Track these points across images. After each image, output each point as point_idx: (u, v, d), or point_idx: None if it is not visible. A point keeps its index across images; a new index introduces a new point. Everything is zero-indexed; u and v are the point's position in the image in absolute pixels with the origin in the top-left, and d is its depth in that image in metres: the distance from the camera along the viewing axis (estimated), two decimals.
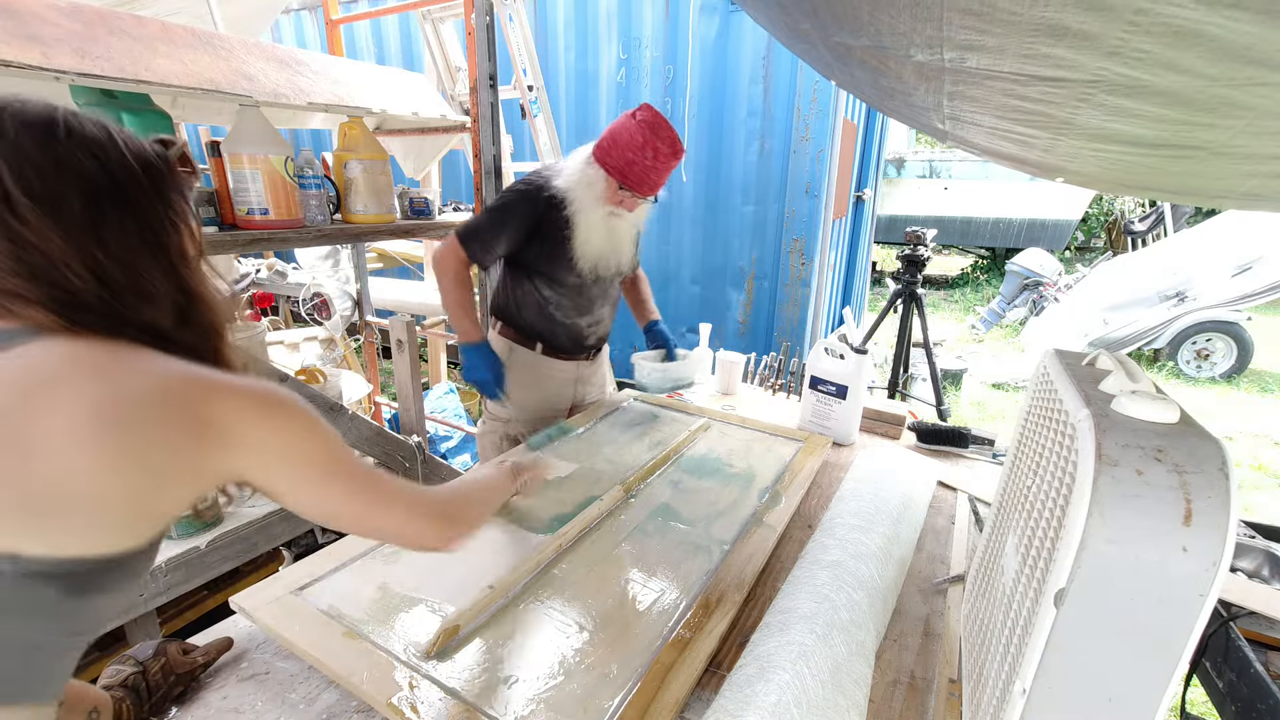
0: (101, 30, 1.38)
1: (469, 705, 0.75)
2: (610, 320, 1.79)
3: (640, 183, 1.45)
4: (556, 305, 1.61)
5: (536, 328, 1.65)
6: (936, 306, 8.26)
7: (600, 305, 1.69)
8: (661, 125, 1.41)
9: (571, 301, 1.62)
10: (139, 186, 0.56)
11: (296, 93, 1.69)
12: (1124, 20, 0.56)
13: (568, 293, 1.60)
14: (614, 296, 1.75)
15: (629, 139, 1.41)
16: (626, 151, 1.42)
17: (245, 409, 0.54)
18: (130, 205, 0.55)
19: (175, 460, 0.51)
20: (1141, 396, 0.56)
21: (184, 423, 0.51)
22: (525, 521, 1.15)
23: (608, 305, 1.73)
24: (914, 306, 3.16)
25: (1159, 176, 0.97)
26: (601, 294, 1.67)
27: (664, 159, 1.43)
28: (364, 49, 4.66)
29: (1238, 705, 0.95)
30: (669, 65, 3.68)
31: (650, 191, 1.49)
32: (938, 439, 1.60)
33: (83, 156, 0.53)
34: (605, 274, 1.62)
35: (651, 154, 1.41)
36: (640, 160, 1.42)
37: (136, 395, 0.50)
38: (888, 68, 1.01)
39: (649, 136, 1.40)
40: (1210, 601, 0.46)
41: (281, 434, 0.57)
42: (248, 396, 0.55)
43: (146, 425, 0.49)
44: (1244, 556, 1.15)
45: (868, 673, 0.82)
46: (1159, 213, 6.98)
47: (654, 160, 1.42)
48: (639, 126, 1.40)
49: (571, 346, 1.70)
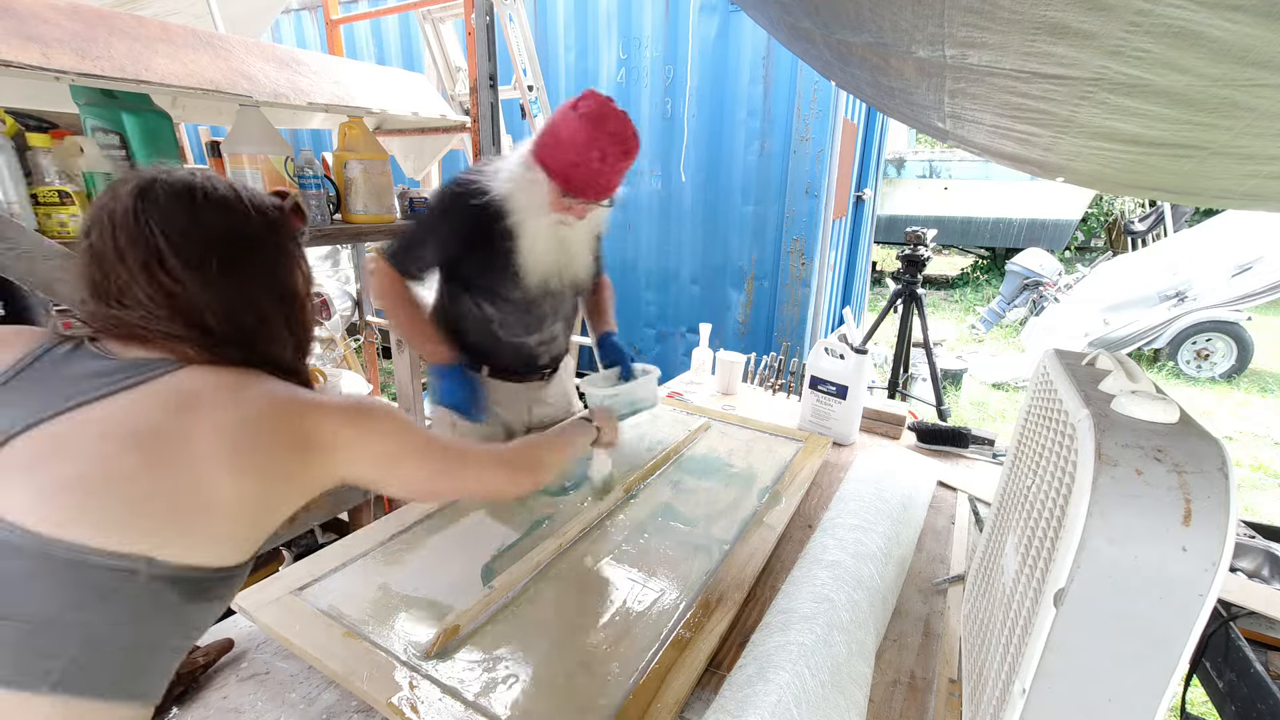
0: (101, 30, 1.38)
1: (469, 705, 0.75)
2: (567, 336, 1.60)
3: (587, 188, 1.23)
4: (501, 323, 1.41)
5: (480, 348, 1.45)
6: (936, 306, 8.25)
7: (552, 321, 1.49)
8: (608, 118, 1.18)
9: (518, 319, 1.42)
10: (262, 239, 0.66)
11: (296, 93, 1.69)
12: (1125, 20, 0.56)
13: (513, 309, 1.40)
14: (569, 310, 1.55)
15: (570, 137, 1.18)
16: (568, 152, 1.19)
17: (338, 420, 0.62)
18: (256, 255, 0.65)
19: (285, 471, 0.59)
20: (1141, 396, 0.56)
21: (291, 438, 0.59)
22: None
23: (561, 320, 1.52)
24: (914, 306, 3.15)
25: (1159, 176, 0.97)
26: (553, 309, 1.47)
27: (613, 160, 1.19)
28: (364, 49, 4.66)
29: (1238, 705, 0.95)
30: (669, 65, 3.68)
31: (601, 196, 1.26)
32: (938, 439, 1.60)
33: (217, 217, 0.62)
34: (557, 288, 1.41)
35: (598, 156, 1.17)
36: (585, 163, 1.18)
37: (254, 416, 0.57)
38: (889, 65, 1.01)
39: (593, 134, 1.16)
40: (1210, 601, 0.46)
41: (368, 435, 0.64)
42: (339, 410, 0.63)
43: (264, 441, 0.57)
44: (1244, 556, 1.14)
45: (868, 673, 0.82)
46: (1159, 213, 6.98)
47: (601, 163, 1.18)
48: (581, 122, 1.17)
49: (521, 368, 1.51)
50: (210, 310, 0.60)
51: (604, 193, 1.26)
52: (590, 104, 1.18)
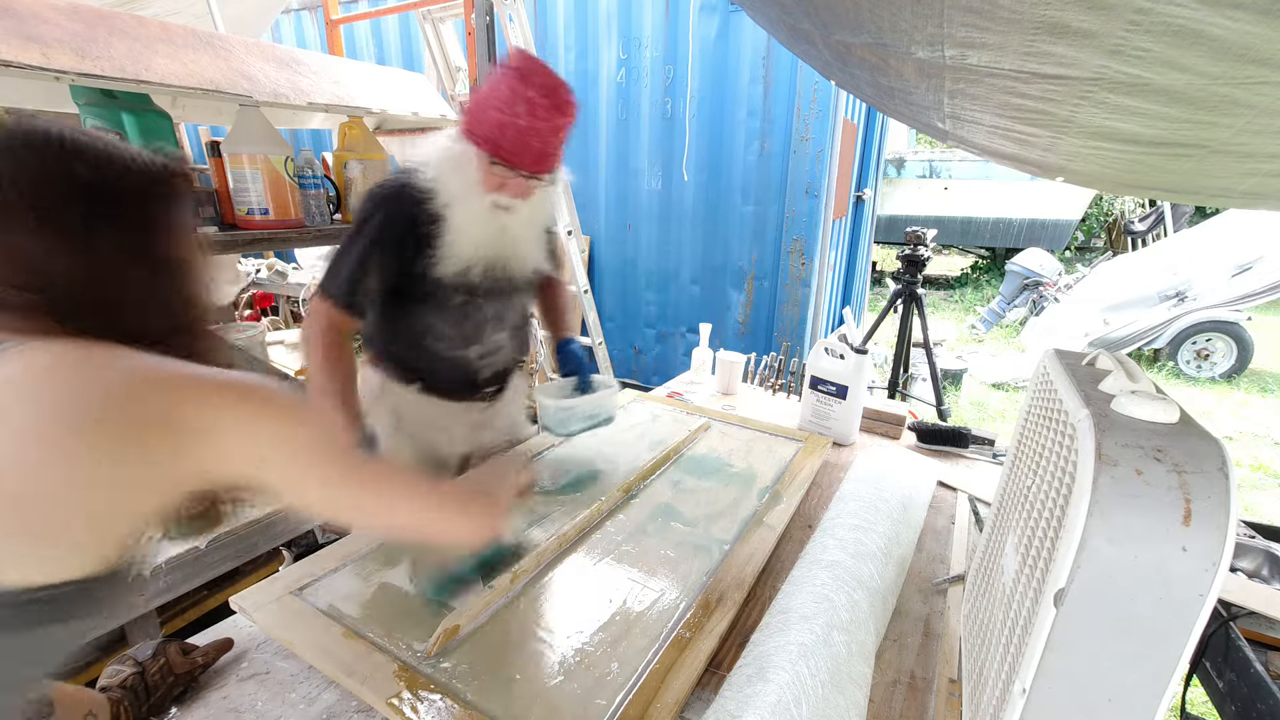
0: (101, 30, 1.38)
1: (469, 705, 0.75)
2: (517, 349, 1.40)
3: (518, 152, 1.06)
4: (436, 333, 1.23)
5: (411, 361, 1.27)
6: (936, 306, 8.25)
7: (495, 330, 1.30)
8: (535, 70, 1.04)
9: (455, 328, 1.24)
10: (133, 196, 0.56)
11: (296, 93, 1.69)
12: (1125, 19, 0.56)
13: (449, 316, 1.21)
14: (517, 318, 1.36)
15: (493, 93, 1.04)
16: (492, 111, 1.04)
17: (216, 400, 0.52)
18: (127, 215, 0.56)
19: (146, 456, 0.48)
20: (1141, 396, 0.56)
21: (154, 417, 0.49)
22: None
23: (507, 329, 1.33)
24: (914, 306, 3.15)
25: (1159, 175, 0.97)
26: (497, 316, 1.28)
27: (544, 114, 1.03)
28: (364, 49, 4.66)
29: (1238, 705, 0.95)
30: (669, 65, 3.68)
31: (535, 165, 1.09)
32: (938, 439, 1.60)
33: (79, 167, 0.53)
34: (496, 285, 1.23)
35: (526, 109, 1.02)
36: (512, 120, 1.03)
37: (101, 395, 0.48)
38: (888, 66, 1.01)
39: (518, 86, 1.02)
40: (1210, 601, 0.46)
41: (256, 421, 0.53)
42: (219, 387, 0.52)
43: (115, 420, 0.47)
44: (1244, 556, 1.14)
45: (868, 673, 0.82)
46: (1159, 213, 6.98)
47: (530, 118, 1.03)
48: (505, 75, 1.03)
49: (459, 386, 1.32)
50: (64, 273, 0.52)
51: (540, 161, 1.09)
52: (515, 57, 1.05)
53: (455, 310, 1.22)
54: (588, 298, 2.82)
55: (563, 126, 1.08)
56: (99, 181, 0.54)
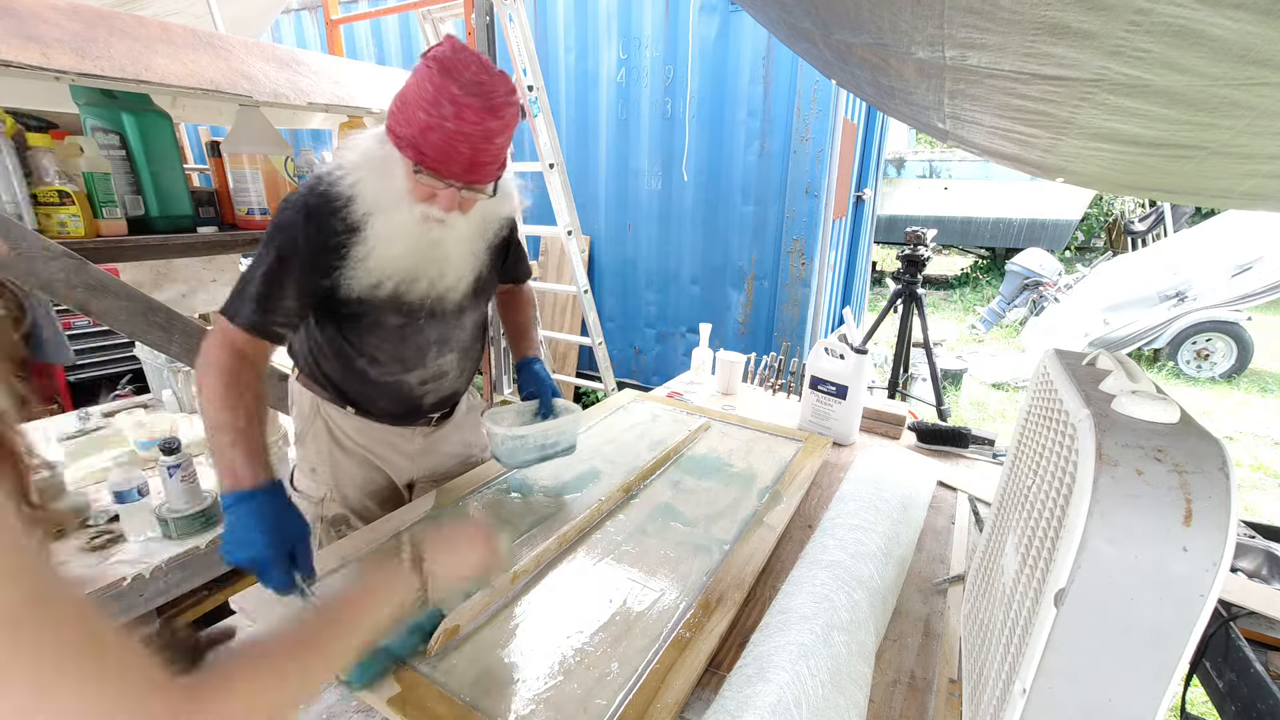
0: (101, 30, 1.38)
1: (469, 705, 0.75)
2: (465, 373, 1.27)
3: (444, 160, 0.90)
4: (370, 358, 1.10)
5: (344, 385, 1.15)
6: (936, 306, 8.26)
7: (441, 354, 1.17)
8: (465, 65, 0.87)
9: (392, 351, 1.11)
10: None
11: (296, 93, 1.69)
12: (1125, 20, 0.56)
13: (385, 338, 1.09)
14: (466, 339, 1.22)
15: (418, 91, 0.88)
16: (416, 111, 0.88)
17: None
18: None
19: None
20: (1141, 396, 0.56)
21: None
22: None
23: (454, 352, 1.20)
24: (914, 306, 3.16)
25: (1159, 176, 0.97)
26: (441, 339, 1.15)
27: (473, 117, 0.87)
28: (364, 49, 4.66)
29: (1238, 705, 0.95)
30: (669, 65, 3.68)
31: (466, 175, 0.93)
32: (938, 439, 1.60)
33: None
34: (437, 306, 1.10)
35: (452, 110, 0.86)
36: (438, 122, 0.87)
37: None
38: (888, 66, 1.01)
39: (442, 83, 0.86)
40: (1210, 601, 0.46)
41: None
42: None
43: None
44: (1244, 556, 1.15)
45: (868, 673, 0.82)
46: (1159, 213, 6.99)
47: (457, 120, 0.86)
48: (428, 70, 0.87)
49: (399, 411, 1.20)
50: None
51: (471, 170, 0.93)
52: (443, 49, 0.88)
53: (392, 332, 1.08)
54: (588, 298, 2.82)
55: (498, 131, 0.91)
56: None
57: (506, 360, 2.94)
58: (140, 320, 1.38)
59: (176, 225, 1.61)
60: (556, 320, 4.34)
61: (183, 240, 1.59)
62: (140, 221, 1.56)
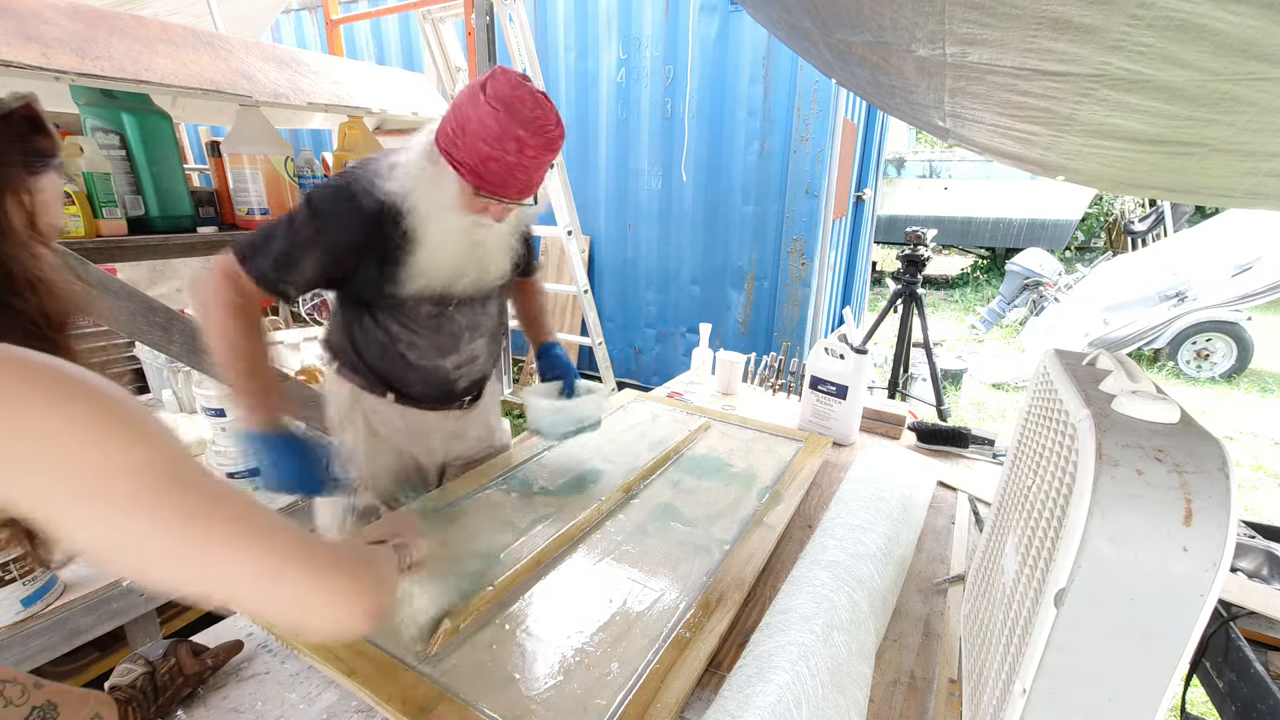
0: (101, 30, 1.38)
1: (469, 705, 0.74)
2: (492, 356, 1.37)
3: (503, 185, 1.03)
4: (409, 344, 1.20)
5: (384, 374, 1.24)
6: (936, 306, 8.25)
7: (472, 339, 1.27)
8: (523, 102, 0.97)
9: (429, 339, 1.21)
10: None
11: (296, 93, 1.69)
12: (1127, 14, 0.56)
13: (423, 328, 1.19)
14: (492, 324, 1.33)
15: (480, 126, 0.98)
16: (478, 143, 0.99)
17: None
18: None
19: None
20: (1142, 396, 0.56)
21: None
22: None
23: (483, 337, 1.30)
24: (914, 306, 3.15)
25: (1160, 174, 0.96)
26: (472, 325, 1.26)
27: (533, 153, 1.00)
28: (364, 49, 4.66)
29: (1238, 705, 0.95)
30: (669, 65, 3.68)
31: (519, 194, 1.07)
32: (938, 439, 1.60)
33: None
34: (468, 296, 1.21)
35: (515, 147, 0.98)
36: (500, 156, 0.98)
37: None
38: (889, 64, 1.01)
39: (507, 123, 0.96)
40: (1210, 601, 0.46)
41: (53, 425, 0.35)
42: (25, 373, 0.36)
43: None
44: (1244, 556, 1.14)
45: (868, 673, 0.82)
46: (1159, 213, 6.98)
47: (519, 155, 0.98)
48: (491, 109, 0.97)
49: (435, 395, 1.29)
50: None
51: (525, 190, 1.07)
52: (500, 85, 0.97)
53: (429, 321, 1.19)
54: (588, 298, 2.82)
55: (551, 159, 1.04)
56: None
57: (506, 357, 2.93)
58: (140, 321, 1.38)
59: (176, 225, 1.61)
60: (556, 320, 4.34)
61: (183, 240, 1.59)
62: (140, 221, 1.56)
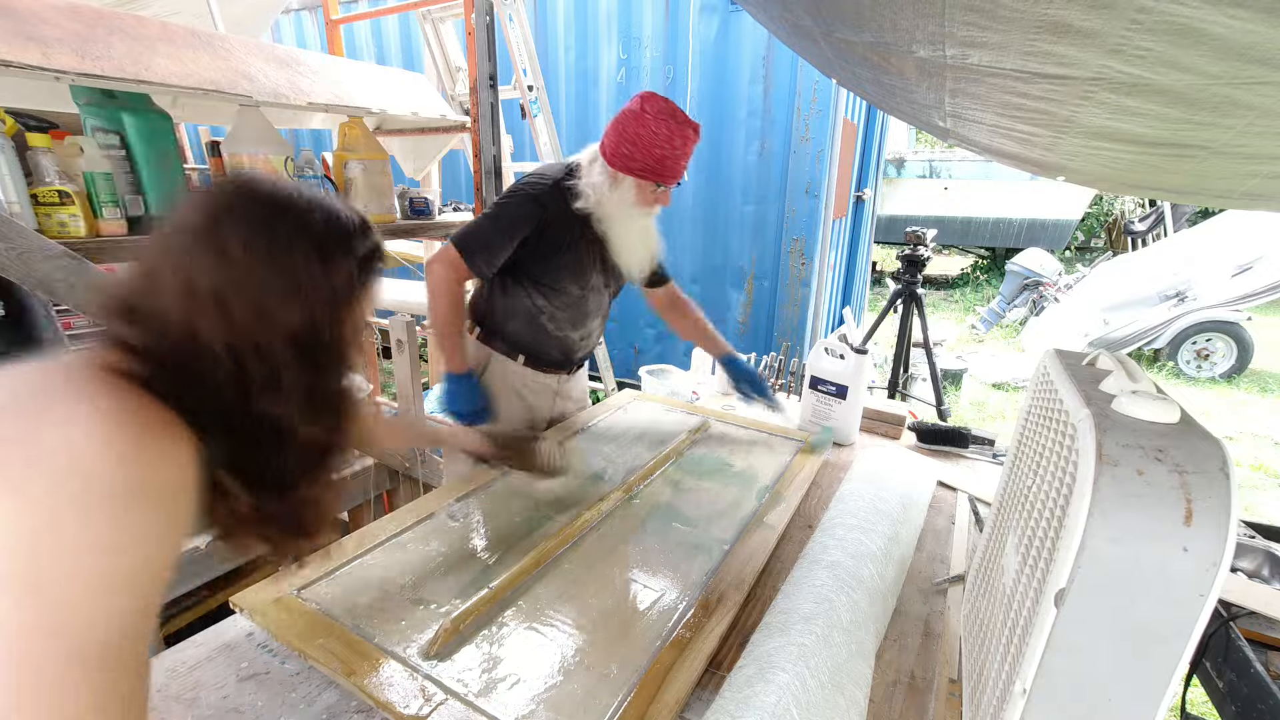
0: (101, 30, 1.38)
1: (469, 705, 0.75)
2: (600, 334, 1.72)
3: (673, 174, 1.40)
4: (550, 316, 1.51)
5: (523, 339, 1.55)
6: (936, 306, 8.25)
7: (595, 317, 1.60)
8: (677, 111, 1.36)
9: (567, 313, 1.53)
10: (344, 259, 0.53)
11: (296, 93, 1.69)
12: (1126, 18, 0.56)
13: (566, 304, 1.51)
14: (605, 306, 1.65)
15: (652, 137, 1.34)
16: (653, 149, 1.34)
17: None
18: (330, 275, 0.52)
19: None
20: (1142, 396, 0.56)
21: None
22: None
23: (600, 318, 1.64)
24: (914, 306, 3.15)
25: (1160, 175, 0.97)
26: (598, 306, 1.59)
27: (691, 143, 1.39)
28: (364, 49, 4.66)
29: (1238, 705, 0.95)
30: (669, 65, 3.68)
31: (678, 177, 1.43)
32: (938, 439, 1.60)
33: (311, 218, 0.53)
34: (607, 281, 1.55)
35: (681, 142, 1.35)
36: (671, 153, 1.35)
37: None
38: (889, 64, 1.01)
39: (674, 127, 1.33)
40: (1210, 601, 0.46)
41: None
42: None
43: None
44: (1244, 556, 1.14)
45: (868, 673, 0.82)
46: (1159, 213, 6.98)
47: (684, 147, 1.37)
48: (659, 121, 1.33)
49: (560, 360, 1.61)
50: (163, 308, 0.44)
51: (682, 173, 1.43)
52: (657, 104, 1.34)
53: (573, 300, 1.50)
54: None
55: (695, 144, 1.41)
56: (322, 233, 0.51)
57: None
58: None
59: None
60: None
61: None
62: (140, 221, 1.56)
